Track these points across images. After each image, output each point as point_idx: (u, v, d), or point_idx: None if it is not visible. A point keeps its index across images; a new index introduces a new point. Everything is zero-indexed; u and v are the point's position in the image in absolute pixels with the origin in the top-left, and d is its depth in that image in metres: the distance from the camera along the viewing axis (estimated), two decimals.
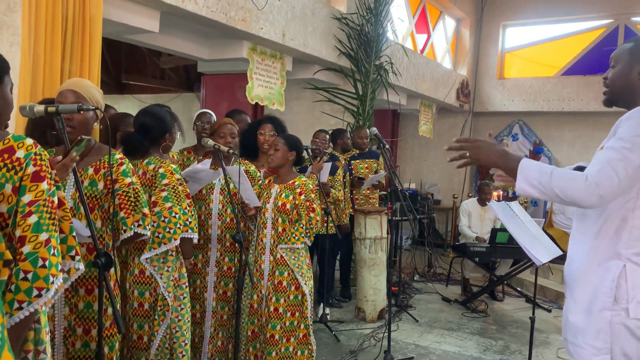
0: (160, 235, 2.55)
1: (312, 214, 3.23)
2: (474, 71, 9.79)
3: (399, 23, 7.75)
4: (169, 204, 2.60)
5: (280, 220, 3.23)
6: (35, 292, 1.39)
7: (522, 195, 1.86)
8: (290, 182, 3.30)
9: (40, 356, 1.50)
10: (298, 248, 3.26)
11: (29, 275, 1.39)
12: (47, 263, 1.41)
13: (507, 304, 6.07)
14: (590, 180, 1.72)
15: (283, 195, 3.25)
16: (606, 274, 1.82)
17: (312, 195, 3.26)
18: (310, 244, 3.34)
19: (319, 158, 4.49)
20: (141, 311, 2.63)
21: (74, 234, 1.60)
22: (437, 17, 9.10)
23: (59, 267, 1.46)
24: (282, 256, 3.21)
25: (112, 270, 2.16)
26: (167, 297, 2.62)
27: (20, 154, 1.44)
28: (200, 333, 3.24)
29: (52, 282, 1.42)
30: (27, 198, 1.43)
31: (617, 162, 1.73)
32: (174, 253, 2.67)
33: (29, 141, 1.47)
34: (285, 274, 3.21)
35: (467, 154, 1.90)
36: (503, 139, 9.52)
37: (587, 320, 1.85)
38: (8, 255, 1.09)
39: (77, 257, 1.61)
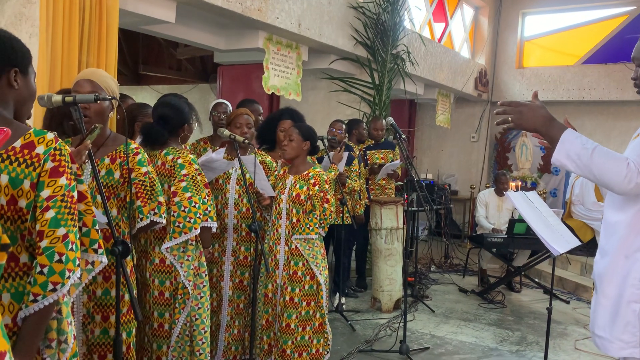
0: (181, 225, 2.58)
1: (326, 205, 3.23)
2: (493, 60, 9.66)
3: (416, 11, 7.67)
4: (188, 194, 2.62)
5: (294, 211, 3.24)
6: (50, 287, 1.41)
7: (555, 165, 1.81)
8: (305, 173, 3.30)
9: (62, 346, 1.52)
10: (312, 238, 3.26)
11: (45, 270, 1.41)
12: (63, 258, 1.43)
13: (525, 295, 6.03)
14: (632, 166, 1.66)
15: (297, 186, 3.26)
16: (634, 266, 1.78)
17: (326, 186, 3.26)
18: (324, 235, 3.35)
19: (338, 148, 4.47)
20: (162, 300, 2.66)
21: (97, 227, 1.62)
22: (455, 5, 8.98)
23: (77, 262, 1.47)
24: (296, 247, 3.22)
25: (128, 257, 2.19)
26: (187, 285, 2.65)
27: (39, 149, 1.45)
28: (217, 321, 3.27)
29: (68, 277, 1.43)
30: (45, 193, 1.44)
31: None
32: (193, 242, 2.70)
33: (50, 136, 1.48)
34: (300, 264, 3.22)
35: (510, 118, 1.82)
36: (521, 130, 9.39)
37: (615, 313, 1.82)
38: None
39: (100, 250, 1.62)
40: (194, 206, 2.61)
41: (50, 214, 1.43)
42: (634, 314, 1.76)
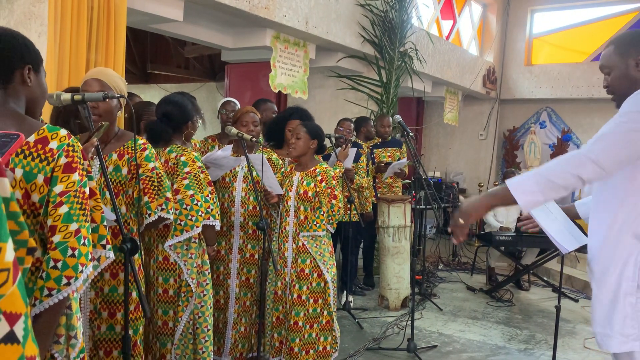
0: (183, 223, 2.58)
1: (333, 201, 3.22)
2: (501, 57, 9.60)
3: (424, 9, 7.65)
4: (190, 192, 2.62)
5: (302, 208, 3.24)
6: (64, 281, 1.42)
7: (530, 209, 1.98)
8: (312, 169, 3.30)
9: (72, 341, 1.54)
10: (320, 235, 3.26)
11: (59, 264, 1.43)
12: (76, 252, 1.45)
13: (533, 293, 6.00)
14: (581, 150, 1.77)
15: (304, 182, 3.25)
16: (629, 258, 1.80)
17: (334, 182, 3.26)
18: (333, 231, 3.34)
19: (344, 146, 4.48)
20: (166, 297, 2.67)
21: (105, 223, 1.64)
22: (463, 3, 8.94)
23: (89, 257, 1.49)
24: (303, 244, 3.22)
25: (136, 254, 2.20)
26: (190, 283, 2.65)
27: (53, 144, 1.47)
28: (224, 319, 3.28)
29: (81, 271, 1.45)
30: (58, 188, 1.46)
31: (609, 132, 1.79)
32: (196, 240, 2.70)
33: (63, 132, 1.50)
34: (308, 261, 3.22)
35: (459, 224, 1.97)
36: (530, 126, 9.35)
37: (613, 308, 1.83)
38: (32, 243, 1.11)
39: (108, 246, 1.64)
40: (196, 204, 2.62)
41: (63, 209, 1.45)
42: (631, 306, 1.77)
